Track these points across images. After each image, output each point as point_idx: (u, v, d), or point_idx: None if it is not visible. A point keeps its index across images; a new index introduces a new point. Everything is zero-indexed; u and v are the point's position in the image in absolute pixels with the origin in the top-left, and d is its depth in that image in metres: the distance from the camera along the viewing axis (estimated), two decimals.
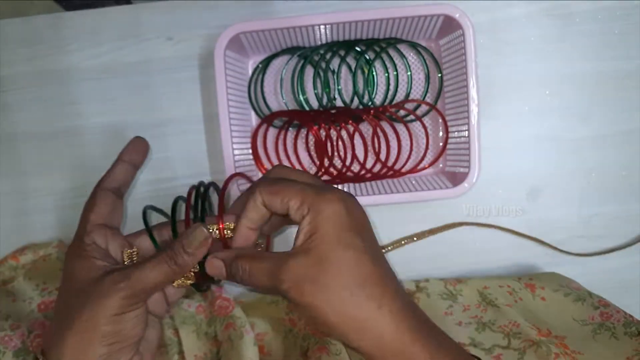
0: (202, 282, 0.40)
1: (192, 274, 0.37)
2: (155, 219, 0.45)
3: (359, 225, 0.32)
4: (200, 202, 0.41)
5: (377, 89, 0.52)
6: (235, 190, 0.49)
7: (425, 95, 0.52)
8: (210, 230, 0.36)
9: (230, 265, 0.34)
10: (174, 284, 0.37)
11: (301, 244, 0.32)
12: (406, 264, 0.51)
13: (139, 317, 0.35)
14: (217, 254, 0.35)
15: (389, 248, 0.53)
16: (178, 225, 0.39)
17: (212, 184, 0.45)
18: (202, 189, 0.42)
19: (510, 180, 0.53)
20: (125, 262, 0.38)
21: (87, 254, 0.36)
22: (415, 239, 0.53)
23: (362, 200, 0.44)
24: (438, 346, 0.31)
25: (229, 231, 0.37)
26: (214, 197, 0.47)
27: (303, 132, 0.52)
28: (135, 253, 0.38)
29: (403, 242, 0.53)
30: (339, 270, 0.30)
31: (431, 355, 0.30)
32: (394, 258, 0.52)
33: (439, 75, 0.51)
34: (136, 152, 0.42)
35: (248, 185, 0.50)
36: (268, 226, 0.38)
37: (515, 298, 0.47)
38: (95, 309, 0.33)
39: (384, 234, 0.53)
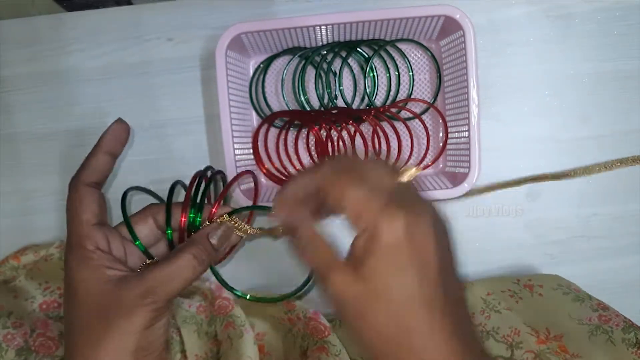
0: None
1: None
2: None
3: (421, 259, 0.28)
4: (205, 186, 0.39)
5: (377, 89, 0.52)
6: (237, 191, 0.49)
7: (430, 96, 0.52)
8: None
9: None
10: None
11: (355, 257, 0.28)
12: None
13: (167, 323, 0.34)
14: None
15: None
16: (173, 208, 0.37)
17: (220, 172, 0.44)
18: (208, 174, 0.40)
19: None
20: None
21: (94, 262, 0.33)
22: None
23: None
24: None
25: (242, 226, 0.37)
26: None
27: (304, 132, 0.52)
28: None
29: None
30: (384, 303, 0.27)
31: None
32: None
33: (439, 75, 0.51)
34: (116, 140, 0.37)
35: (251, 185, 0.50)
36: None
37: (516, 299, 0.47)
38: (125, 326, 0.31)
39: None
